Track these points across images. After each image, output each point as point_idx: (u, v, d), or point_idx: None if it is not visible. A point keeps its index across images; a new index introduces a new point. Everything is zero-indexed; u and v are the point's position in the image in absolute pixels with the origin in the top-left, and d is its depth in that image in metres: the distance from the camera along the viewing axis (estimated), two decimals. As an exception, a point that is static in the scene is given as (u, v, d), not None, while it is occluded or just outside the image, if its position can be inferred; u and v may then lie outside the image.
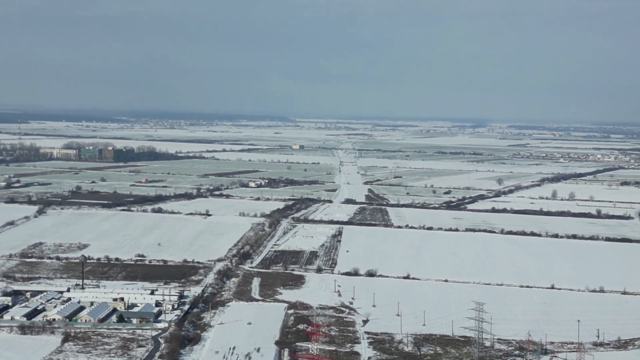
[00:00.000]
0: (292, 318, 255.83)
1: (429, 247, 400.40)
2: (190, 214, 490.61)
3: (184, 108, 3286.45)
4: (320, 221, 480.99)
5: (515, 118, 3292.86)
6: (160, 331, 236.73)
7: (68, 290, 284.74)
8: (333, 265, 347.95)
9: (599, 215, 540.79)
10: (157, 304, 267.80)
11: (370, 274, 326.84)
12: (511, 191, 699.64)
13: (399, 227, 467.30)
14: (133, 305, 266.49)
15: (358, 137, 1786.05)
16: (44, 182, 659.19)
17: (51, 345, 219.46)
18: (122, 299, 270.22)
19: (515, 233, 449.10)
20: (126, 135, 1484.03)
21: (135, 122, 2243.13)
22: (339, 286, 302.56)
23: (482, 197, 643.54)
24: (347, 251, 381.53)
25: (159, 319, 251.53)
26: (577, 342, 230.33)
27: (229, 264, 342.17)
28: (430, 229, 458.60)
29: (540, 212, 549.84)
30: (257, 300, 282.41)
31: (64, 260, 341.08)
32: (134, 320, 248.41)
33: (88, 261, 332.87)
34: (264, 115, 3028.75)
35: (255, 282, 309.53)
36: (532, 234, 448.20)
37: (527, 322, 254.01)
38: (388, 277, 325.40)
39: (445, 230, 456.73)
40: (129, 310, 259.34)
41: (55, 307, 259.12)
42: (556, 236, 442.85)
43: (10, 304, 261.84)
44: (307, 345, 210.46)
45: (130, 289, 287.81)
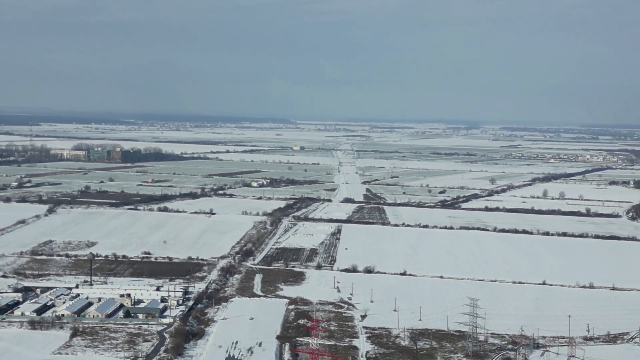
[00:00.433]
0: (292, 313, 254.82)
1: (425, 245, 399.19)
2: (195, 212, 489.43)
3: (189, 111, 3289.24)
4: (320, 219, 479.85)
5: (507, 120, 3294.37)
6: (165, 326, 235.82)
7: (77, 286, 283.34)
8: (332, 262, 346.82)
9: (588, 214, 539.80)
10: (163, 299, 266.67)
11: (368, 271, 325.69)
12: (503, 190, 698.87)
13: (396, 225, 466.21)
14: (139, 301, 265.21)
15: (356, 139, 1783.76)
16: (54, 182, 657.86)
17: (60, 340, 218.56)
18: (128, 295, 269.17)
19: (508, 231, 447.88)
20: (133, 137, 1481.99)
21: (142, 124, 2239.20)
22: (338, 282, 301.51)
23: (475, 196, 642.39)
24: (346, 249, 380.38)
25: (165, 314, 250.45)
26: (568, 336, 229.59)
27: (232, 261, 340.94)
28: (425, 227, 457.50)
29: (532, 211, 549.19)
30: (259, 296, 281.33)
31: (73, 258, 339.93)
32: (140, 316, 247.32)
33: (96, 258, 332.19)
34: (265, 117, 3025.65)
35: (257, 279, 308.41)
36: (524, 231, 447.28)
37: (519, 317, 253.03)
38: (385, 273, 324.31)
39: (440, 228, 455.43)
40: (136, 306, 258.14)
41: (64, 303, 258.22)
42: (547, 234, 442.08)
43: (20, 300, 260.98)
44: (307, 340, 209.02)
45: (136, 286, 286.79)
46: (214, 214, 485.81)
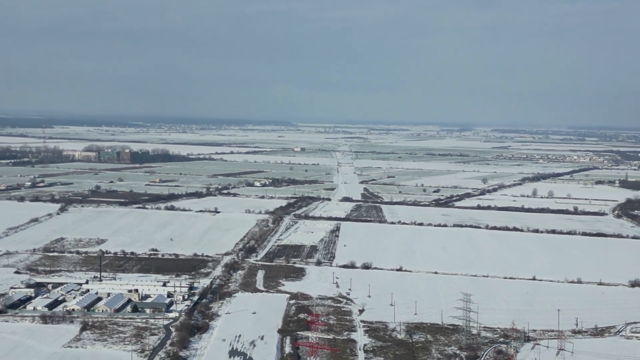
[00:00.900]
0: (293, 308, 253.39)
1: (420, 242, 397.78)
2: (200, 211, 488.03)
3: (195, 114, 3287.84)
4: (320, 218, 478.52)
5: (498, 122, 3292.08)
6: (171, 320, 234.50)
7: (87, 282, 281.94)
8: (331, 259, 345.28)
9: (576, 212, 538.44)
10: (169, 295, 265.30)
11: (366, 267, 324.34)
12: (495, 190, 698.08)
13: (392, 223, 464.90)
14: (147, 296, 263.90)
15: (354, 140, 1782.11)
16: (66, 182, 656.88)
17: (70, 334, 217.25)
18: (136, 290, 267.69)
19: (499, 228, 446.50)
20: (142, 139, 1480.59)
21: (150, 127, 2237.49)
22: (337, 278, 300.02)
23: (468, 195, 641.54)
24: (345, 245, 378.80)
25: (171, 309, 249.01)
26: (557, 330, 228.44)
27: (236, 257, 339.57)
28: (420, 224, 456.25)
29: (522, 209, 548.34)
30: (261, 291, 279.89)
31: (83, 255, 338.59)
32: (147, 310, 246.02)
33: (105, 255, 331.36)
34: (268, 120, 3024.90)
35: (260, 275, 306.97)
36: (515, 229, 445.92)
37: (510, 311, 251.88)
38: (382, 269, 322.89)
39: (435, 225, 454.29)
40: (143, 301, 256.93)
41: (74, 298, 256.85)
42: (536, 231, 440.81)
43: (33, 295, 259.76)
44: (307, 334, 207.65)
45: (144, 281, 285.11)
46: (218, 212, 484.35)
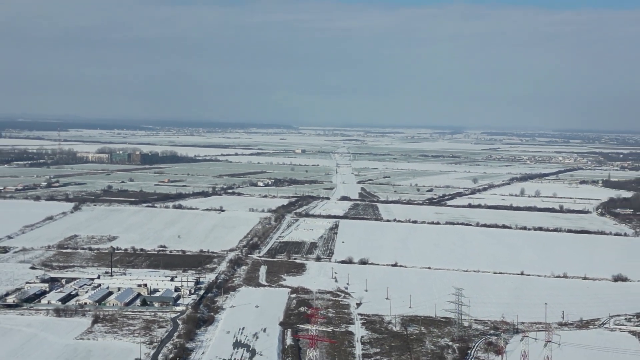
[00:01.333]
0: (294, 301, 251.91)
1: (414, 238, 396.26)
2: (207, 209, 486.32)
3: (202, 118, 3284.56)
4: (320, 216, 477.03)
5: (487, 126, 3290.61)
6: (178, 313, 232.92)
7: (98, 277, 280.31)
8: (330, 255, 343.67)
9: (562, 210, 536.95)
10: (176, 289, 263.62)
11: (363, 262, 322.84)
12: (485, 189, 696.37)
13: (388, 220, 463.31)
14: (155, 291, 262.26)
15: (352, 143, 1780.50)
16: (79, 182, 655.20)
17: (82, 327, 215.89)
18: (145, 285, 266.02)
19: (489, 226, 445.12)
20: (152, 142, 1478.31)
21: (159, 130, 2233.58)
22: (336, 273, 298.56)
23: (459, 194, 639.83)
24: (343, 242, 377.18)
25: (178, 302, 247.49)
26: (544, 322, 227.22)
27: (240, 253, 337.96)
28: (415, 222, 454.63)
29: (510, 208, 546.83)
30: (264, 285, 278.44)
31: (95, 251, 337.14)
32: (156, 304, 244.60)
33: (116, 251, 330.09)
34: (271, 123, 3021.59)
35: (263, 270, 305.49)
36: (504, 226, 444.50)
37: (500, 304, 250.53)
38: (378, 264, 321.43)
39: (428, 223, 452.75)
40: (151, 295, 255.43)
41: (86, 292, 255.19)
42: (524, 228, 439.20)
43: (47, 289, 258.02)
44: (308, 326, 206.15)
45: (152, 276, 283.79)
46: (223, 210, 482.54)
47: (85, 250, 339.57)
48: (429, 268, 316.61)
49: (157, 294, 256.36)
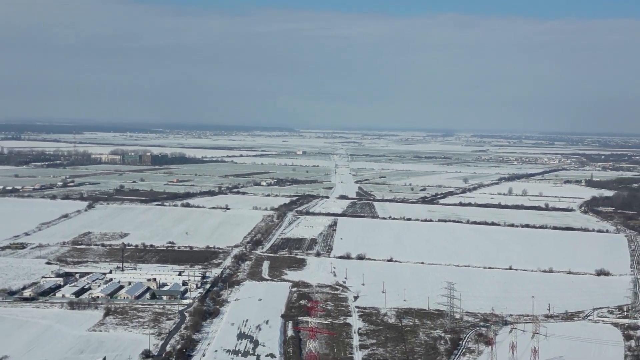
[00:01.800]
0: (295, 295, 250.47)
1: (408, 235, 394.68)
2: (213, 207, 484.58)
3: (209, 121, 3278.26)
4: (319, 213, 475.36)
5: (477, 128, 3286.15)
6: (186, 306, 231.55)
7: (110, 272, 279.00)
8: (329, 250, 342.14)
9: (547, 208, 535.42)
10: (184, 283, 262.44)
11: (360, 258, 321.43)
12: (475, 188, 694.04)
13: (384, 218, 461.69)
14: (164, 285, 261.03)
15: (350, 145, 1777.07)
16: (93, 182, 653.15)
17: (95, 319, 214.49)
18: (154, 279, 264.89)
19: (479, 223, 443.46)
20: (162, 144, 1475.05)
21: (169, 133, 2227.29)
22: (334, 268, 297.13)
23: (451, 193, 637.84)
24: (341, 238, 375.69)
25: (185, 296, 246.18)
26: (532, 314, 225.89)
27: (244, 249, 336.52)
28: (409, 219, 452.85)
29: (499, 206, 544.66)
30: (266, 279, 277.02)
31: (107, 247, 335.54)
32: (164, 297, 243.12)
33: (127, 247, 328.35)
34: (273, 127, 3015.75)
35: (265, 265, 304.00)
36: (493, 223, 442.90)
37: (490, 298, 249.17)
38: (374, 260, 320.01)
39: (421, 221, 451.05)
40: (160, 289, 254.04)
41: (99, 286, 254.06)
42: (512, 225, 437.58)
43: (62, 283, 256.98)
44: (308, 319, 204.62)
45: (161, 271, 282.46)
46: (229, 209, 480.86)
47: (98, 246, 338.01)
48: (422, 263, 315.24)
49: (166, 288, 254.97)
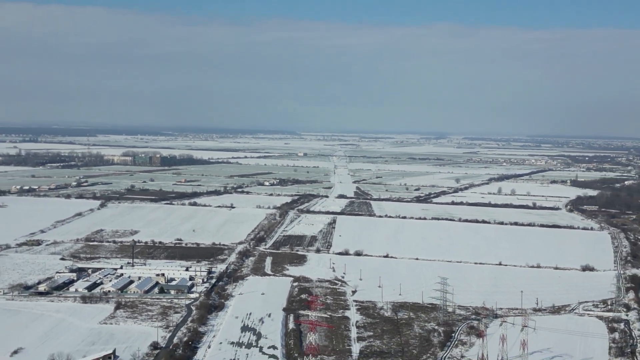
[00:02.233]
0: (296, 289, 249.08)
1: (403, 232, 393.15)
2: (219, 206, 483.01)
3: (215, 124, 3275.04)
4: (319, 212, 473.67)
5: (468, 131, 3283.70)
6: (192, 300, 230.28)
7: (121, 267, 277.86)
8: (329, 247, 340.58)
9: (534, 207, 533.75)
10: (191, 278, 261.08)
11: (358, 254, 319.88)
12: (466, 188, 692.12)
13: (380, 216, 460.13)
14: (172, 280, 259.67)
15: (348, 147, 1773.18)
16: (106, 182, 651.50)
17: (106, 312, 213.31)
18: (163, 274, 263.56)
19: (470, 221, 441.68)
20: (170, 146, 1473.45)
21: (178, 136, 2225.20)
22: (334, 263, 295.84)
23: (444, 193, 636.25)
24: (340, 236, 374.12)
25: (192, 290, 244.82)
26: (521, 308, 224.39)
27: (248, 246, 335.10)
28: (404, 218, 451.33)
29: (489, 205, 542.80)
30: (269, 275, 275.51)
31: (119, 244, 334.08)
32: (172, 292, 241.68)
33: (137, 244, 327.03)
34: (276, 130, 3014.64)
35: (268, 261, 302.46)
36: (483, 221, 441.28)
37: (481, 292, 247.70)
38: (371, 256, 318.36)
39: (416, 219, 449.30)
40: (168, 284, 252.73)
41: (110, 281, 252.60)
42: (501, 223, 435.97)
43: (75, 278, 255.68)
44: (308, 312, 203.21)
45: (169, 267, 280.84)
46: (234, 207, 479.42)
47: (109, 243, 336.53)
48: (417, 259, 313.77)
49: (173, 283, 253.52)
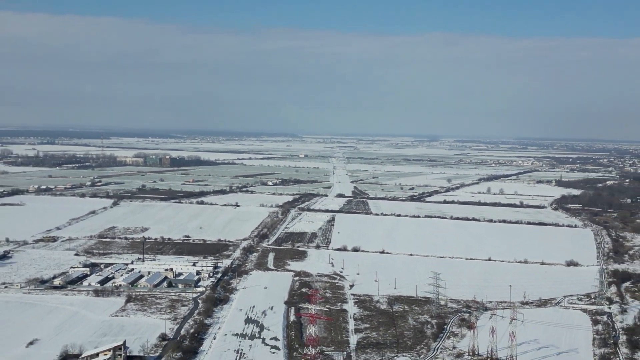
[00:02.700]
0: (297, 283, 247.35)
1: (398, 230, 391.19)
2: (224, 205, 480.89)
3: (221, 128, 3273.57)
4: (319, 210, 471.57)
5: (459, 134, 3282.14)
6: (199, 294, 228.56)
7: (132, 262, 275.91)
8: (328, 243, 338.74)
9: (522, 205, 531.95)
10: (197, 273, 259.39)
11: (355, 250, 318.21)
12: (457, 188, 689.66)
13: (376, 214, 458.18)
14: (179, 274, 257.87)
15: (346, 149, 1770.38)
16: (118, 182, 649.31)
17: (117, 305, 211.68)
18: (171, 269, 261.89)
19: (461, 219, 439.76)
20: (179, 148, 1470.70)
21: (186, 138, 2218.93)
22: (332, 259, 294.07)
23: (436, 192, 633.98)
24: (339, 232, 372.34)
25: (199, 284, 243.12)
26: (509, 301, 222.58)
27: (252, 242, 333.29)
28: (399, 215, 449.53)
29: (479, 203, 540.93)
30: (271, 269, 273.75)
31: (130, 240, 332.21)
32: (180, 286, 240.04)
33: (147, 240, 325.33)
34: (279, 133, 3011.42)
35: (271, 256, 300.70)
36: (473, 219, 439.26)
37: (471, 286, 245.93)
38: (368, 252, 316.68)
39: (410, 216, 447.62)
40: (176, 278, 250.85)
41: (121, 275, 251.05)
42: (491, 221, 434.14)
43: (88, 273, 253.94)
44: (308, 305, 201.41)
45: (177, 262, 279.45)
46: (238, 206, 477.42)
47: (121, 239, 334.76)
48: (411, 255, 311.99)
49: (181, 277, 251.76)
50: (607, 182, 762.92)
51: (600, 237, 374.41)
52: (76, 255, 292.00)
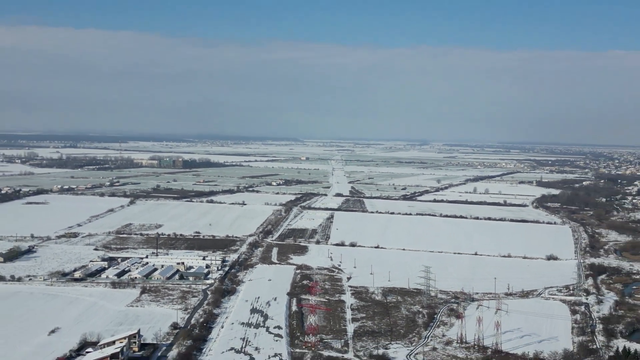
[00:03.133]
0: (299, 276, 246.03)
1: (392, 226, 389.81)
2: (232, 203, 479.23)
3: (229, 132, 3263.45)
4: (319, 208, 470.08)
5: (448, 139, 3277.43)
6: (208, 286, 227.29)
7: (147, 257, 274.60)
8: (327, 239, 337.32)
9: (505, 204, 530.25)
10: (207, 266, 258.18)
11: (352, 245, 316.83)
12: (446, 188, 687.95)
13: (372, 212, 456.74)
14: (190, 267, 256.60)
15: (344, 152, 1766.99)
16: (135, 182, 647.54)
17: (133, 296, 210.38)
18: (183, 263, 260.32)
19: (450, 216, 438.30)
20: (191, 151, 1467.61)
21: (198, 142, 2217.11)
22: (331, 253, 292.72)
23: (427, 192, 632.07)
24: (337, 229, 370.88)
25: (208, 277, 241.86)
26: (494, 293, 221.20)
27: (257, 238, 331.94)
28: (392, 213, 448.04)
29: (466, 202, 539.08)
30: (275, 263, 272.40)
31: (145, 236, 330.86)
32: (191, 278, 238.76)
33: (161, 236, 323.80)
34: (282, 137, 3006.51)
35: (274, 251, 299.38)
36: (461, 216, 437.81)
37: (459, 279, 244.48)
38: (364, 247, 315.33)
39: (403, 214, 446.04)
40: (187, 271, 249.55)
41: (137, 269, 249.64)
42: (477, 218, 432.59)
43: (106, 266, 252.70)
44: (309, 296, 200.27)
45: (189, 256, 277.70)
46: (245, 204, 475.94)
47: (137, 235, 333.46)
48: (404, 249, 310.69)
49: (192, 270, 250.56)
50: (584, 183, 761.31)
51: (578, 234, 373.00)
52: (95, 250, 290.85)
